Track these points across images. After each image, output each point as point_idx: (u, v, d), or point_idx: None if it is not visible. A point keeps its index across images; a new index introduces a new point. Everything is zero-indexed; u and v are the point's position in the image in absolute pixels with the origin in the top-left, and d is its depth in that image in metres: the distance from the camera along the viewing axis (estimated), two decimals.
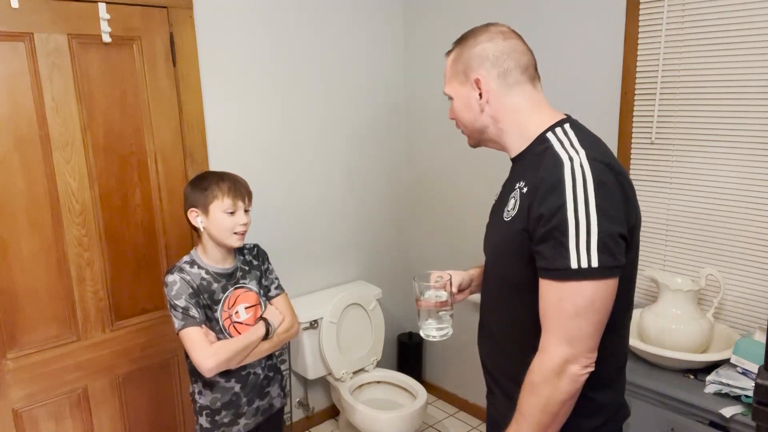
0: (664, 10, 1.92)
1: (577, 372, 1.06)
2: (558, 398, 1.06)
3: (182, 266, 1.68)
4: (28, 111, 1.85)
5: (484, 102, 1.21)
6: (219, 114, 2.30)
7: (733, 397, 1.62)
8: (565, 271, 1.03)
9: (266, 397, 1.82)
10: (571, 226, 1.01)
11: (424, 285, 1.30)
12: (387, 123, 2.93)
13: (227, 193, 1.65)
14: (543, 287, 1.08)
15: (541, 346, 1.09)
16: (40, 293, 1.94)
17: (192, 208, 1.68)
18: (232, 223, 1.66)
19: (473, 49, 1.21)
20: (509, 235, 1.15)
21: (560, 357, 1.05)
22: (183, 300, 1.62)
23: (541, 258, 1.06)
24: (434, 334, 1.30)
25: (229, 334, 1.70)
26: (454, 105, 1.27)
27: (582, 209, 1.02)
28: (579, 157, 1.06)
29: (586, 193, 1.02)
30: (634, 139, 2.07)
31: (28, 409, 1.96)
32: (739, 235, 1.87)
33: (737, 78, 1.80)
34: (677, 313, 1.81)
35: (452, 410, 3.00)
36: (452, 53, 1.27)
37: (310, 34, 2.54)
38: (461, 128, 1.29)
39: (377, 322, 2.75)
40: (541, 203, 1.05)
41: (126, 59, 2.02)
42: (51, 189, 1.92)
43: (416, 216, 3.06)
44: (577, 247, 1.01)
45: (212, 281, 1.69)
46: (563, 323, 1.05)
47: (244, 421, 1.77)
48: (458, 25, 2.64)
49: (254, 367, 1.77)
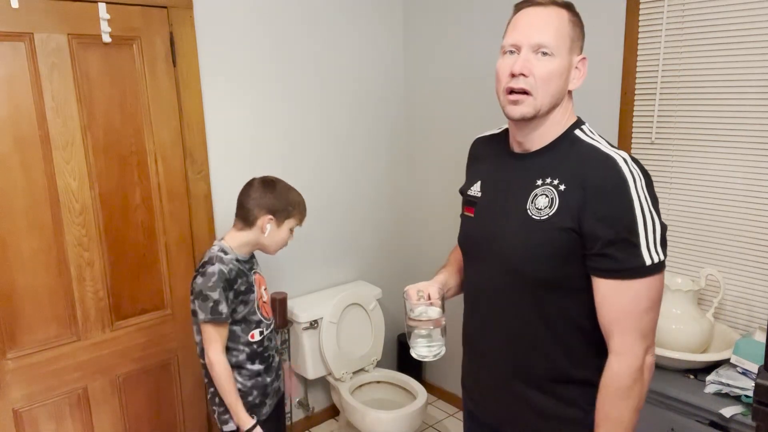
0: (664, 10, 1.92)
1: (652, 361, 1.11)
2: (645, 392, 1.11)
3: (220, 255, 1.69)
4: (28, 111, 1.85)
5: (578, 82, 1.17)
6: (219, 114, 2.30)
7: (733, 397, 1.62)
8: (641, 269, 1.05)
9: (279, 378, 1.89)
10: (640, 226, 1.05)
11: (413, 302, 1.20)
12: (387, 123, 2.93)
13: (303, 214, 1.81)
14: (611, 289, 1.08)
15: (616, 349, 1.09)
16: (40, 293, 1.94)
17: (270, 216, 1.74)
18: (288, 240, 1.80)
19: (582, 27, 1.18)
20: (549, 235, 1.11)
21: (641, 354, 1.08)
22: (217, 293, 1.65)
23: (610, 260, 1.06)
24: (424, 353, 1.20)
25: (261, 313, 1.79)
26: (551, 64, 1.12)
27: (646, 208, 1.06)
28: (627, 157, 1.09)
29: (645, 192, 1.06)
30: (634, 139, 2.07)
31: (28, 409, 1.96)
32: (739, 235, 1.87)
33: (737, 78, 1.80)
34: (677, 313, 1.81)
35: (452, 410, 3.00)
36: (566, 14, 1.15)
37: (310, 34, 2.54)
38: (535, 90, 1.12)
39: (377, 322, 2.75)
40: (608, 204, 1.06)
41: (126, 59, 2.02)
42: (51, 189, 1.92)
43: (416, 216, 3.06)
44: (647, 245, 1.06)
45: (242, 267, 1.75)
46: (638, 320, 1.07)
47: (269, 401, 1.83)
48: (458, 24, 2.64)
49: (271, 350, 1.85)
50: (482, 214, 1.27)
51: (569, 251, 1.10)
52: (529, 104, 1.13)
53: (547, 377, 1.20)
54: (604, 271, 1.08)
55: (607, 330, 1.10)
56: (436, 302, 1.21)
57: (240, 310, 1.73)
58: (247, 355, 1.76)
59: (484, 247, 1.26)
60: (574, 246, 1.09)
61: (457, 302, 1.39)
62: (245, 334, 1.75)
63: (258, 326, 1.78)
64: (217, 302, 1.65)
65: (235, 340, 1.74)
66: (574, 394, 1.19)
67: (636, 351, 1.08)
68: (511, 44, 1.14)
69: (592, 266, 1.09)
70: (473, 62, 2.60)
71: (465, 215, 1.33)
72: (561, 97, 1.16)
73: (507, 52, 1.16)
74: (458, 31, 2.65)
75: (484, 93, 2.51)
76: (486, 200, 1.28)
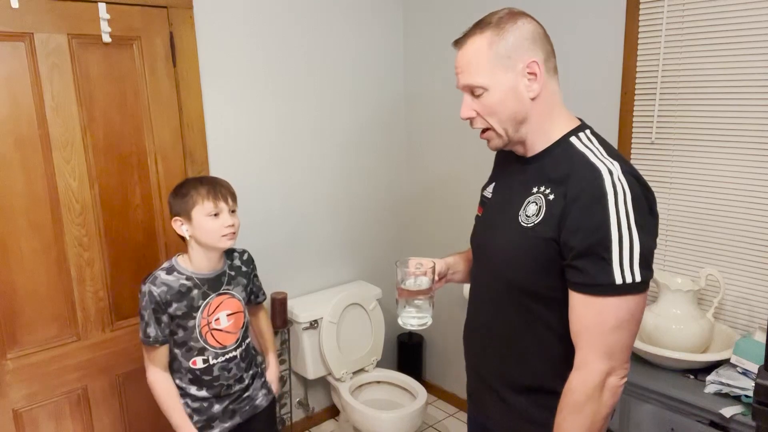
0: (664, 10, 1.92)
1: (617, 384, 1.05)
2: (602, 413, 1.05)
3: (157, 274, 1.63)
4: (28, 111, 1.85)
5: (538, 87, 1.09)
6: (219, 114, 2.30)
7: (733, 397, 1.62)
8: (609, 287, 1.01)
9: (245, 400, 1.78)
10: (614, 242, 1.00)
11: (405, 271, 1.23)
12: (387, 123, 2.93)
13: (207, 196, 1.59)
14: (579, 302, 1.05)
15: (577, 363, 1.06)
16: (40, 293, 1.94)
17: (175, 218, 1.64)
18: (217, 225, 1.61)
19: (519, 31, 1.09)
20: (532, 243, 1.10)
21: (601, 372, 1.03)
22: (146, 314, 1.61)
23: (579, 273, 1.03)
24: (413, 322, 1.23)
25: (206, 340, 1.66)
26: (489, 98, 1.11)
27: (624, 225, 1.00)
28: (616, 170, 1.03)
29: (626, 209, 1.01)
30: (634, 139, 2.07)
31: (28, 409, 1.96)
32: (739, 235, 1.87)
33: (737, 78, 1.80)
34: (677, 313, 1.81)
35: (452, 410, 3.00)
36: (483, 38, 1.11)
37: (310, 34, 2.54)
38: (491, 125, 1.13)
39: (377, 322, 2.75)
40: (582, 216, 1.02)
41: (126, 59, 2.02)
42: (51, 189, 1.92)
43: (416, 215, 3.06)
44: (621, 263, 1.00)
45: (192, 287, 1.64)
46: (603, 337, 1.03)
47: (219, 425, 1.73)
48: (458, 24, 2.63)
49: (228, 379, 1.72)
50: (486, 216, 1.29)
51: (550, 261, 1.08)
52: (494, 137, 1.15)
53: (532, 385, 1.19)
54: (573, 284, 1.05)
55: (575, 343, 1.08)
56: (429, 273, 1.23)
57: (180, 334, 1.65)
58: (189, 381, 1.68)
59: (482, 249, 1.27)
60: (554, 256, 1.07)
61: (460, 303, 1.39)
62: (186, 360, 1.66)
63: (201, 353, 1.66)
64: (146, 324, 1.60)
65: (177, 363, 1.68)
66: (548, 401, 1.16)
67: (595, 368, 1.03)
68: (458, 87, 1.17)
69: (567, 277, 1.07)
70: None
71: (477, 215, 1.35)
72: (523, 113, 1.11)
73: None
74: (458, 31, 2.64)
75: None
76: (493, 202, 1.28)
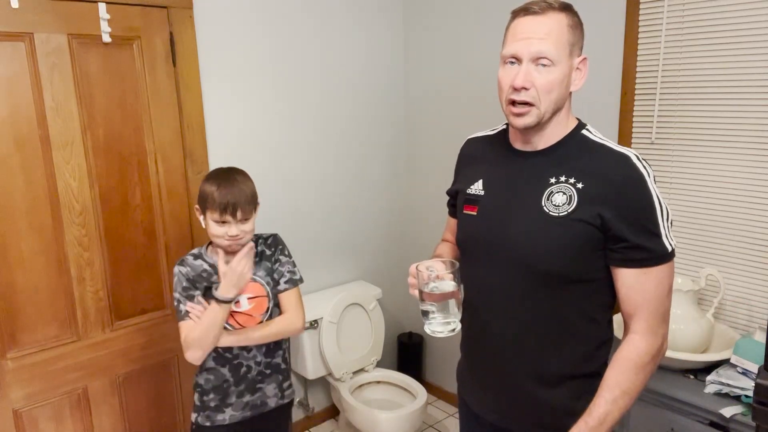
0: (664, 10, 1.92)
1: (666, 348, 1.20)
2: (652, 372, 1.18)
3: (186, 258, 1.73)
4: (28, 111, 1.85)
5: (580, 83, 1.19)
6: (219, 114, 2.30)
7: (733, 397, 1.62)
8: (665, 256, 1.14)
9: (257, 392, 1.79)
10: (659, 217, 1.13)
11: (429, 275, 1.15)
12: (388, 122, 2.93)
13: (217, 207, 1.60)
14: (637, 277, 1.14)
15: (642, 330, 1.16)
16: (40, 293, 1.94)
17: (197, 206, 1.70)
18: (222, 232, 1.63)
19: (582, 27, 1.19)
20: (571, 231, 1.15)
21: (665, 335, 1.18)
22: (177, 293, 1.69)
23: (638, 250, 1.13)
24: (440, 329, 1.14)
25: (228, 323, 1.71)
26: (552, 74, 1.12)
27: (661, 200, 1.14)
28: (637, 154, 1.16)
29: (655, 186, 1.15)
30: (634, 139, 2.07)
31: (28, 409, 1.96)
32: (739, 235, 1.87)
33: (737, 78, 1.80)
34: (677, 313, 1.81)
35: (452, 410, 3.00)
36: (563, 16, 1.14)
37: (310, 34, 2.54)
38: (540, 102, 1.14)
39: (377, 322, 2.75)
40: (630, 199, 1.12)
41: (126, 59, 2.02)
42: (51, 189, 1.92)
43: (417, 215, 3.06)
44: (667, 233, 1.15)
45: (213, 273, 1.70)
46: (662, 304, 1.16)
47: (230, 411, 1.76)
48: (458, 24, 2.64)
49: (247, 359, 1.76)
50: (487, 213, 1.27)
51: (590, 245, 1.15)
52: (532, 115, 1.16)
53: (558, 373, 1.23)
54: (632, 261, 1.14)
55: (632, 315, 1.17)
56: (447, 276, 1.16)
57: None
58: (212, 358, 1.74)
59: (492, 245, 1.25)
60: (594, 240, 1.15)
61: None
62: None
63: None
64: (178, 302, 1.69)
65: None
66: (583, 387, 1.21)
67: (660, 332, 1.16)
68: (511, 55, 1.15)
69: (619, 258, 1.15)
70: (474, 62, 2.60)
71: (465, 214, 1.32)
72: (563, 101, 1.19)
73: (507, 63, 1.16)
74: (459, 30, 2.65)
75: (485, 93, 2.51)
76: (491, 198, 1.27)
